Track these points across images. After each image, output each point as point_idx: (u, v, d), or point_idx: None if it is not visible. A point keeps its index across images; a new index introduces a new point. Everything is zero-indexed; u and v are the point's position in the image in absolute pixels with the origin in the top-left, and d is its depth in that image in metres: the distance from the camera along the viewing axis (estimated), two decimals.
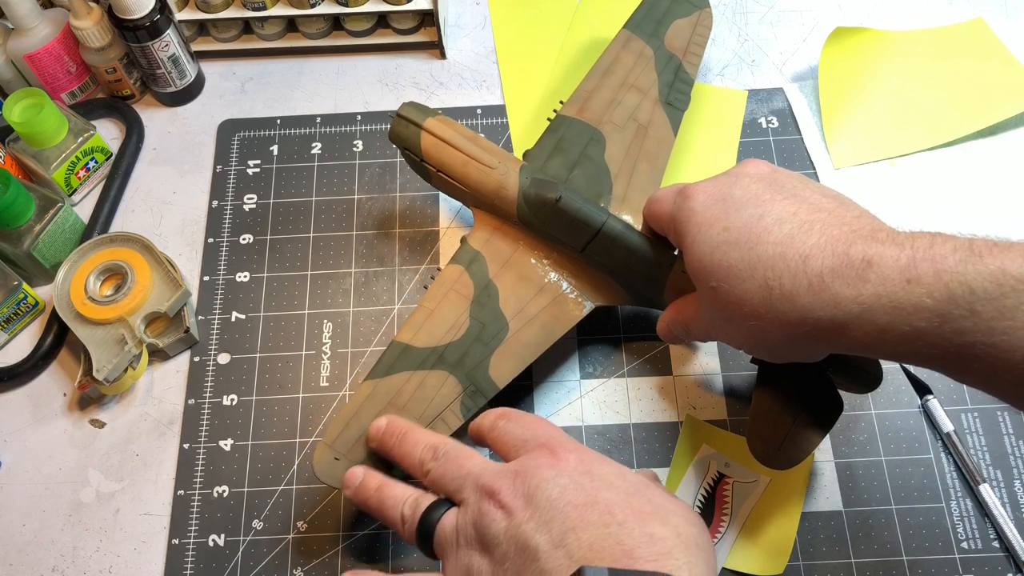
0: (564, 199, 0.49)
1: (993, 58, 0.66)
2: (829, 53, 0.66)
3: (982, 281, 0.32)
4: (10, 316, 0.58)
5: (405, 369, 0.48)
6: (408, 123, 0.53)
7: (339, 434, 0.47)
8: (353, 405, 0.48)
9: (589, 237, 0.49)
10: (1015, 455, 0.53)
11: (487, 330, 0.50)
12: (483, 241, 0.52)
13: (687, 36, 0.60)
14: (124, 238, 0.59)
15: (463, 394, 0.48)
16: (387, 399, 0.48)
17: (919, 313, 0.34)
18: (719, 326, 0.42)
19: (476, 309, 0.50)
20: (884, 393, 0.55)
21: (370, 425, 0.46)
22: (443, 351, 0.49)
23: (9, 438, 0.56)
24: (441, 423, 0.48)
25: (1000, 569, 0.50)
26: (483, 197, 0.52)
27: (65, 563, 0.52)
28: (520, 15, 0.72)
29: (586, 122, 0.56)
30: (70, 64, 0.65)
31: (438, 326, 0.50)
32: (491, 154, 0.52)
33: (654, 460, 0.53)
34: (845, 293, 0.35)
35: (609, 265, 0.50)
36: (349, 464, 0.46)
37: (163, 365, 0.58)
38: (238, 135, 0.67)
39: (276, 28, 0.70)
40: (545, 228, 0.51)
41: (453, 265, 0.52)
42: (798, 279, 0.36)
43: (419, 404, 0.48)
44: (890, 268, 0.34)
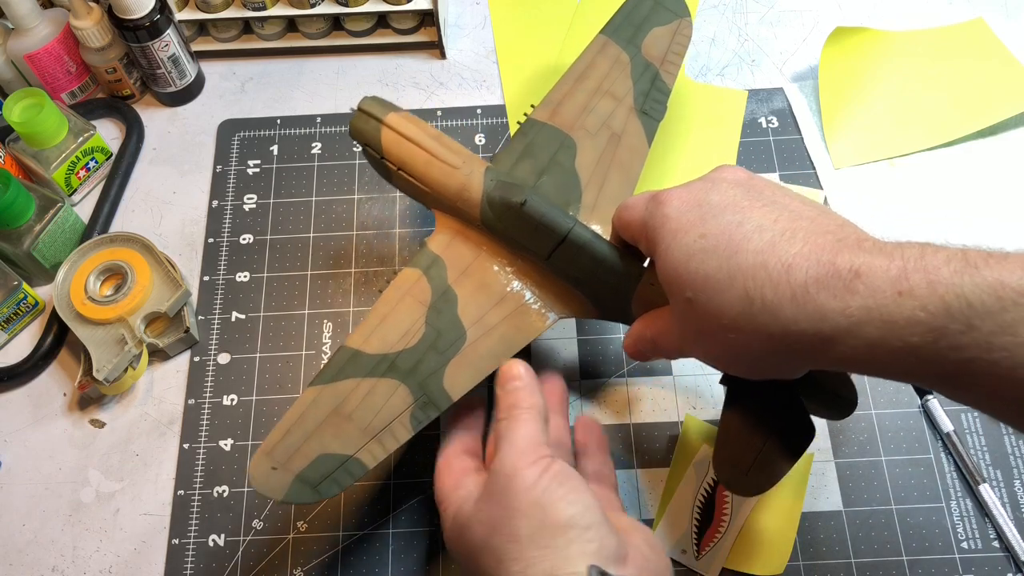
0: (529, 203, 0.47)
1: (993, 58, 0.66)
2: (829, 53, 0.66)
3: (980, 294, 0.30)
4: (10, 316, 0.58)
5: (353, 375, 0.46)
6: (368, 117, 0.51)
7: (279, 442, 0.44)
8: (295, 412, 0.45)
9: (554, 244, 0.47)
10: (1015, 455, 0.53)
11: (443, 338, 0.47)
12: (444, 245, 0.50)
13: (665, 44, 0.57)
14: (124, 238, 0.59)
15: (414, 405, 0.45)
16: (332, 406, 0.45)
17: (912, 328, 0.32)
18: (693, 340, 0.40)
19: (433, 316, 0.47)
20: (884, 393, 0.55)
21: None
22: (395, 358, 0.46)
23: (9, 438, 0.56)
24: (389, 435, 0.44)
25: (1000, 569, 0.50)
26: (445, 198, 0.49)
27: (65, 563, 0.52)
28: (520, 15, 0.72)
29: (557, 127, 0.53)
30: (70, 64, 0.65)
31: (391, 332, 0.47)
32: (455, 153, 0.50)
33: (654, 460, 0.53)
34: (832, 305, 0.33)
35: (575, 275, 0.48)
36: (288, 475, 0.43)
37: (163, 365, 0.58)
38: (238, 135, 0.67)
39: (276, 28, 0.70)
40: (509, 233, 0.48)
41: (411, 269, 0.49)
42: (781, 290, 0.34)
43: (366, 413, 0.45)
44: (880, 279, 0.32)
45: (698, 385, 0.56)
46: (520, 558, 0.37)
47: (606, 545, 0.38)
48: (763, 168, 0.63)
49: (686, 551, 0.50)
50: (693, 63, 0.69)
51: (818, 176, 0.63)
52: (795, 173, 0.63)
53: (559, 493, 0.39)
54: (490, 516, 0.39)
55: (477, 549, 0.39)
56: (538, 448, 0.41)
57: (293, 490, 0.43)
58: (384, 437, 0.44)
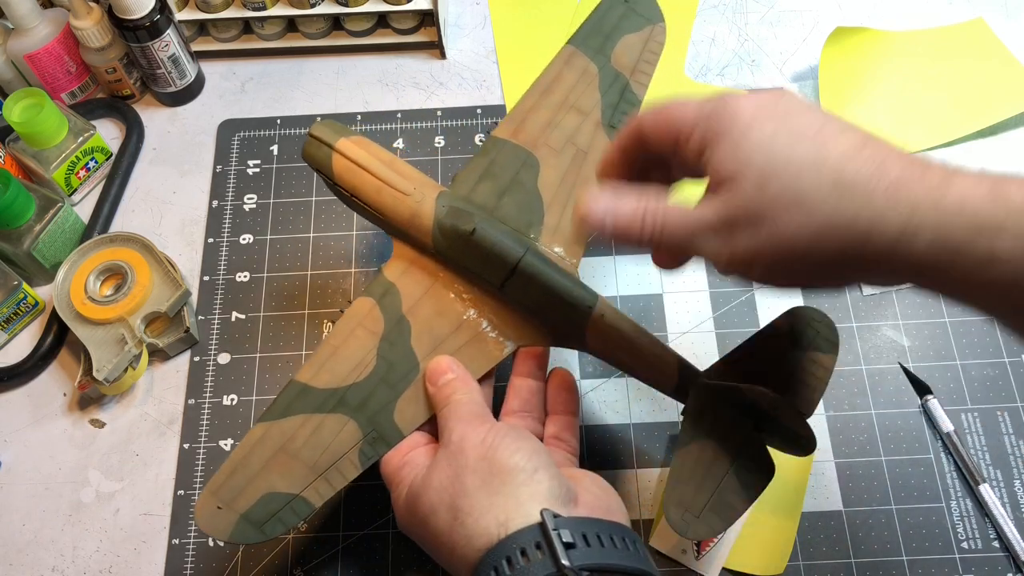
0: (479, 231, 0.45)
1: (993, 58, 0.66)
2: (829, 53, 0.66)
3: None
4: (10, 316, 0.58)
5: (302, 412, 0.44)
6: (320, 143, 0.49)
7: (224, 481, 0.43)
8: (242, 450, 0.44)
9: (506, 273, 0.45)
10: (1015, 455, 0.53)
11: (395, 370, 0.46)
12: (399, 272, 0.48)
13: (637, 53, 0.55)
14: (124, 238, 0.59)
15: (363, 441, 0.44)
16: (279, 444, 0.44)
17: (1001, 235, 0.31)
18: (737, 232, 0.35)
19: (385, 347, 0.46)
20: (884, 393, 0.55)
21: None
22: (345, 393, 0.45)
23: (9, 438, 0.56)
24: (336, 473, 0.43)
25: (1000, 569, 0.50)
26: (397, 225, 0.48)
27: (65, 563, 0.52)
28: (520, 15, 0.72)
29: (520, 145, 0.51)
30: (70, 64, 0.65)
31: (342, 365, 0.46)
32: (407, 179, 0.48)
33: (654, 460, 0.53)
34: (925, 198, 0.32)
35: (528, 304, 0.46)
36: (233, 515, 0.42)
37: (163, 365, 0.58)
38: (238, 135, 0.67)
39: (276, 28, 0.70)
40: (461, 261, 0.47)
41: (364, 298, 0.48)
42: (873, 182, 0.32)
43: (314, 451, 0.44)
44: (974, 182, 0.32)
45: None
46: (472, 510, 0.38)
47: (555, 486, 0.38)
48: None
49: (686, 551, 0.50)
50: (693, 63, 0.69)
51: None
52: None
53: (503, 443, 0.40)
54: (440, 480, 0.40)
55: (429, 513, 0.39)
56: (482, 418, 0.42)
57: (238, 530, 0.42)
58: (331, 475, 0.43)
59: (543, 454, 0.40)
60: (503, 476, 0.38)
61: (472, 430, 0.41)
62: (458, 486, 0.39)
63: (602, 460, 0.54)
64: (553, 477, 0.39)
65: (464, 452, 0.40)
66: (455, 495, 0.39)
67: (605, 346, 0.46)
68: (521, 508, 0.37)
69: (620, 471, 0.53)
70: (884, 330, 0.57)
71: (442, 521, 0.39)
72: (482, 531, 0.37)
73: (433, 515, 0.39)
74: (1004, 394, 0.55)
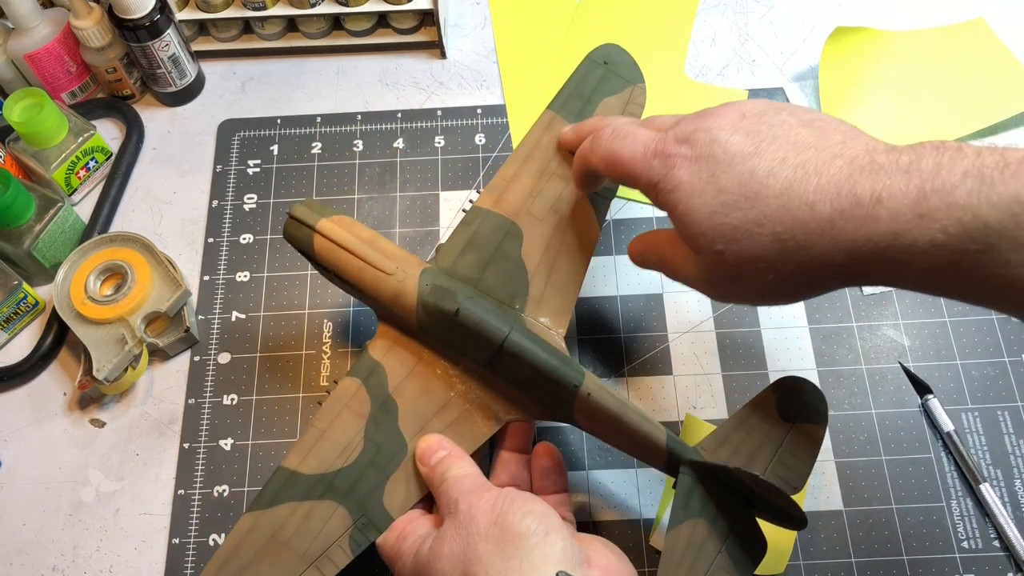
0: (463, 311, 0.45)
1: (993, 58, 0.66)
2: (829, 53, 0.66)
3: (997, 214, 0.31)
4: (10, 316, 0.58)
5: (291, 499, 0.44)
6: (300, 224, 0.49)
7: (215, 574, 0.43)
8: (232, 542, 0.44)
9: (492, 353, 0.45)
10: (1015, 455, 0.53)
11: (383, 453, 0.45)
12: (384, 351, 0.48)
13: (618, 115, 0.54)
14: (124, 238, 0.59)
15: (353, 527, 0.44)
16: (269, 534, 0.43)
17: (935, 250, 0.32)
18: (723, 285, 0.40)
19: (372, 429, 0.46)
20: (884, 393, 0.55)
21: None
22: (333, 478, 0.45)
23: (9, 438, 0.56)
24: (327, 561, 0.43)
25: (1000, 569, 0.50)
26: (381, 305, 0.48)
27: (65, 563, 0.52)
28: (520, 15, 0.72)
29: (502, 215, 0.50)
30: (70, 64, 0.65)
31: (329, 449, 0.45)
32: (389, 258, 0.48)
33: None
34: (859, 235, 0.34)
35: (516, 381, 0.46)
36: None
37: (163, 365, 0.58)
38: (238, 135, 0.67)
39: (276, 28, 0.70)
40: (446, 340, 0.47)
41: (350, 379, 0.47)
42: (810, 228, 0.35)
43: (303, 539, 0.43)
44: (900, 202, 0.33)
45: (698, 385, 0.56)
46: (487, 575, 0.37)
47: (568, 547, 0.38)
48: None
49: None
50: (693, 63, 0.69)
51: None
52: None
53: (513, 507, 0.40)
54: (451, 549, 0.39)
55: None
56: (485, 487, 0.42)
57: None
58: (323, 564, 0.43)
59: (553, 516, 0.40)
60: (515, 540, 0.38)
61: (479, 499, 0.41)
62: (471, 554, 0.39)
63: (602, 460, 0.54)
64: (565, 539, 0.39)
65: (474, 520, 0.40)
66: (467, 563, 0.38)
67: (593, 423, 0.46)
68: (535, 571, 0.37)
69: (620, 471, 0.53)
70: (884, 330, 0.57)
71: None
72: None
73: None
74: (1004, 394, 0.55)
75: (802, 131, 0.38)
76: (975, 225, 0.31)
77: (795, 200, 0.35)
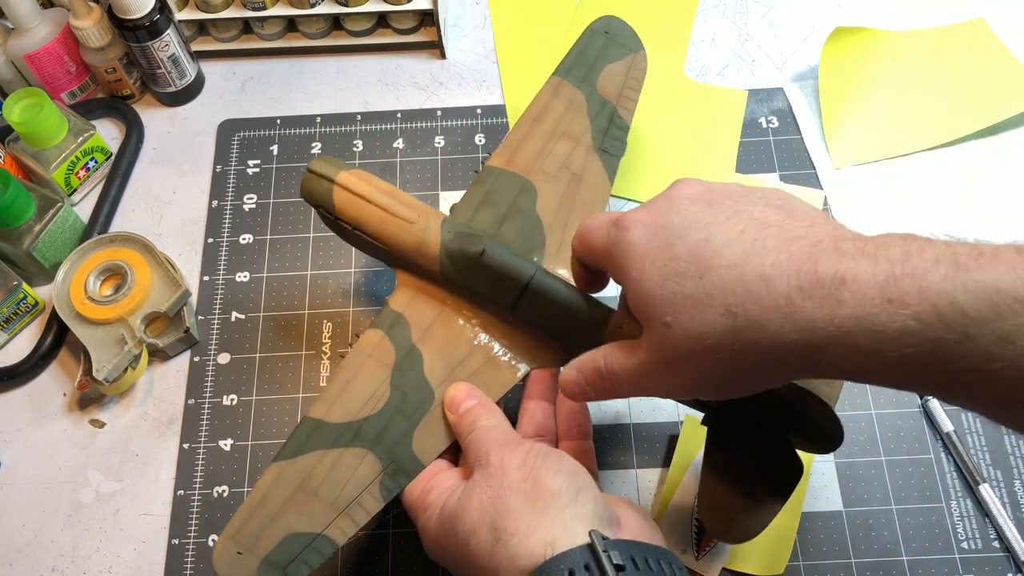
0: (488, 253, 0.45)
1: (993, 58, 0.66)
2: (829, 53, 0.66)
3: (974, 302, 0.28)
4: (10, 316, 0.58)
5: (317, 448, 0.44)
6: (319, 179, 0.49)
7: (242, 525, 0.42)
8: (258, 493, 0.43)
9: (517, 293, 0.45)
10: (1015, 455, 0.53)
11: (410, 400, 0.45)
12: (405, 303, 0.48)
13: (621, 80, 0.55)
14: (124, 238, 0.59)
15: (384, 473, 0.43)
16: (296, 483, 0.43)
17: (905, 339, 0.30)
18: (671, 369, 0.37)
19: (398, 377, 0.45)
20: (884, 393, 0.55)
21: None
22: (360, 426, 0.44)
23: (9, 438, 0.56)
24: (358, 508, 0.43)
25: (1000, 569, 0.50)
26: (403, 255, 0.48)
27: (65, 563, 0.52)
28: (520, 15, 0.72)
29: (515, 172, 0.51)
30: (70, 64, 0.65)
31: (355, 398, 0.45)
32: (410, 208, 0.48)
33: (654, 460, 0.53)
34: (819, 315, 0.31)
35: (541, 323, 0.46)
36: (254, 559, 0.42)
37: (163, 365, 0.58)
38: (238, 135, 0.67)
39: (276, 28, 0.70)
40: (470, 285, 0.46)
41: (372, 330, 0.47)
42: (764, 302, 0.32)
43: (333, 487, 0.43)
44: (866, 285, 0.30)
45: None
46: (517, 531, 0.37)
47: (600, 508, 0.38)
48: (763, 168, 0.63)
49: (686, 551, 0.50)
50: (693, 63, 0.69)
51: (818, 176, 0.63)
52: (795, 173, 0.63)
53: (545, 464, 0.39)
54: (481, 501, 0.39)
55: (469, 534, 0.39)
56: (516, 439, 0.42)
57: (260, 575, 0.41)
58: (353, 511, 0.43)
59: (584, 475, 0.40)
60: (547, 497, 0.38)
61: (510, 452, 0.40)
62: (501, 507, 0.38)
63: (602, 460, 0.54)
64: (597, 499, 0.38)
65: (506, 473, 0.39)
66: (497, 516, 0.38)
67: None
68: (567, 529, 0.36)
69: (620, 471, 0.53)
70: None
71: (483, 542, 0.38)
72: (528, 551, 0.36)
73: (473, 536, 0.38)
74: None
75: (767, 211, 0.36)
76: (951, 313, 0.29)
77: (749, 272, 0.33)
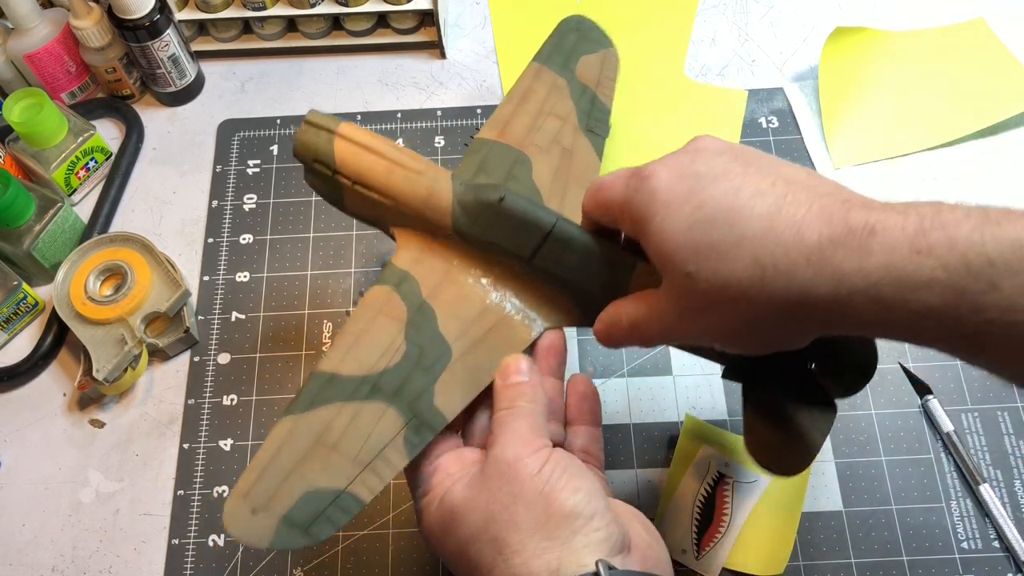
0: (508, 199, 0.43)
1: (993, 58, 0.66)
2: (829, 53, 0.66)
3: (1002, 251, 0.29)
4: (10, 316, 0.58)
5: (333, 401, 0.40)
6: (318, 129, 0.45)
7: (255, 482, 0.39)
8: (269, 447, 0.39)
9: (539, 241, 0.43)
10: (1015, 455, 0.53)
11: (427, 355, 0.42)
12: (411, 261, 0.45)
13: (597, 71, 0.56)
14: (124, 238, 0.59)
15: (407, 428, 0.40)
16: (313, 437, 0.40)
17: (931, 287, 0.30)
18: (691, 319, 0.37)
19: (412, 331, 0.43)
20: (884, 393, 0.55)
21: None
22: (378, 379, 0.41)
23: (9, 438, 0.56)
24: (383, 463, 0.40)
25: (1000, 569, 0.50)
26: (411, 208, 0.45)
27: (65, 563, 0.52)
28: (520, 15, 0.72)
29: (509, 144, 0.50)
30: (70, 64, 0.65)
31: (368, 352, 0.42)
32: (416, 160, 0.45)
33: (654, 460, 0.53)
34: (849, 265, 0.32)
35: (561, 274, 0.43)
36: (271, 519, 0.38)
37: (163, 365, 0.58)
38: (238, 135, 0.67)
39: (276, 28, 0.70)
40: (487, 236, 0.44)
41: (379, 287, 0.44)
42: (793, 253, 0.32)
43: (354, 441, 0.40)
44: (896, 236, 0.31)
45: (698, 385, 0.56)
46: (522, 549, 0.36)
47: (611, 534, 0.37)
48: None
49: (686, 551, 0.50)
50: (693, 63, 0.69)
51: None
52: None
53: (562, 481, 0.37)
54: (488, 503, 0.37)
55: (469, 539, 0.37)
56: (540, 438, 0.40)
57: (280, 535, 0.38)
58: (378, 465, 0.40)
59: (600, 496, 0.38)
60: (559, 519, 0.36)
61: (528, 454, 0.38)
62: (507, 517, 0.36)
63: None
64: (609, 524, 0.37)
65: (518, 479, 0.37)
66: (503, 527, 0.36)
67: None
68: (575, 555, 0.35)
69: (620, 471, 0.53)
70: None
71: (484, 554, 0.36)
72: (530, 574, 0.35)
73: (474, 543, 0.37)
74: (1004, 394, 0.55)
75: (793, 169, 0.36)
76: (979, 262, 0.29)
77: (781, 223, 0.33)
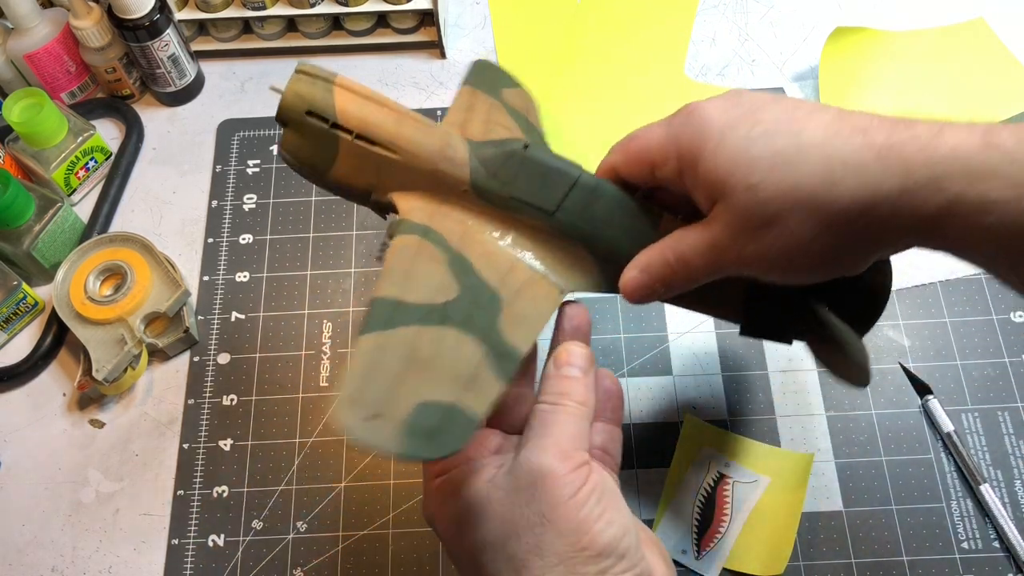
0: (532, 148, 0.40)
1: (993, 58, 0.66)
2: (829, 53, 0.66)
3: None
4: (10, 316, 0.58)
5: (409, 323, 0.36)
6: (314, 79, 0.40)
7: (362, 388, 0.34)
8: (362, 362, 0.35)
9: (566, 190, 0.40)
10: (1015, 455, 0.53)
11: (481, 296, 0.39)
12: (427, 218, 0.41)
13: (522, 101, 0.53)
14: (124, 238, 0.59)
15: (487, 357, 0.36)
16: (404, 354, 0.35)
17: (995, 181, 0.30)
18: (747, 240, 0.35)
19: (458, 272, 0.39)
20: (884, 393, 0.55)
21: None
22: (444, 309, 0.37)
23: (9, 438, 0.56)
24: (480, 385, 0.36)
25: (1000, 569, 0.50)
26: (425, 161, 0.40)
27: (65, 563, 0.52)
28: (520, 15, 0.72)
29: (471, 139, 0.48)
30: (70, 64, 0.65)
31: (422, 286, 0.38)
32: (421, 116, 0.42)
33: (654, 460, 0.53)
34: (919, 156, 0.31)
35: (588, 227, 0.41)
36: (395, 425, 0.33)
37: (163, 365, 0.58)
38: (238, 135, 0.67)
39: (276, 28, 0.70)
40: (508, 190, 0.40)
41: (404, 236, 0.40)
42: (863, 151, 0.32)
43: (445, 361, 0.35)
44: (965, 132, 0.31)
45: (698, 385, 0.56)
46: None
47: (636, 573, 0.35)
48: None
49: (686, 551, 0.50)
50: (693, 63, 0.69)
51: None
52: None
53: (597, 511, 0.35)
54: (513, 515, 0.35)
55: (486, 544, 0.35)
56: (580, 452, 0.37)
57: (408, 443, 0.32)
58: (479, 385, 0.35)
59: (633, 531, 0.36)
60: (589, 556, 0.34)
61: (566, 470, 0.35)
62: (532, 541, 0.34)
63: None
64: (636, 564, 0.35)
65: (551, 501, 0.34)
66: (525, 549, 0.34)
67: None
68: None
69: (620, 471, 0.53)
70: (884, 330, 0.57)
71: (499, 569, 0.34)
72: None
73: (489, 550, 0.35)
74: (1004, 394, 0.55)
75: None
76: None
77: (847, 128, 0.33)
